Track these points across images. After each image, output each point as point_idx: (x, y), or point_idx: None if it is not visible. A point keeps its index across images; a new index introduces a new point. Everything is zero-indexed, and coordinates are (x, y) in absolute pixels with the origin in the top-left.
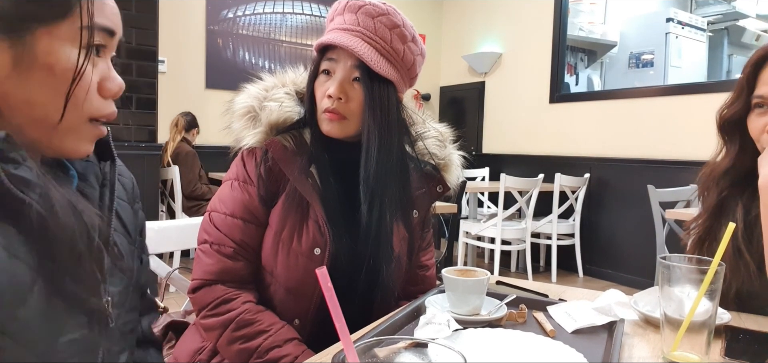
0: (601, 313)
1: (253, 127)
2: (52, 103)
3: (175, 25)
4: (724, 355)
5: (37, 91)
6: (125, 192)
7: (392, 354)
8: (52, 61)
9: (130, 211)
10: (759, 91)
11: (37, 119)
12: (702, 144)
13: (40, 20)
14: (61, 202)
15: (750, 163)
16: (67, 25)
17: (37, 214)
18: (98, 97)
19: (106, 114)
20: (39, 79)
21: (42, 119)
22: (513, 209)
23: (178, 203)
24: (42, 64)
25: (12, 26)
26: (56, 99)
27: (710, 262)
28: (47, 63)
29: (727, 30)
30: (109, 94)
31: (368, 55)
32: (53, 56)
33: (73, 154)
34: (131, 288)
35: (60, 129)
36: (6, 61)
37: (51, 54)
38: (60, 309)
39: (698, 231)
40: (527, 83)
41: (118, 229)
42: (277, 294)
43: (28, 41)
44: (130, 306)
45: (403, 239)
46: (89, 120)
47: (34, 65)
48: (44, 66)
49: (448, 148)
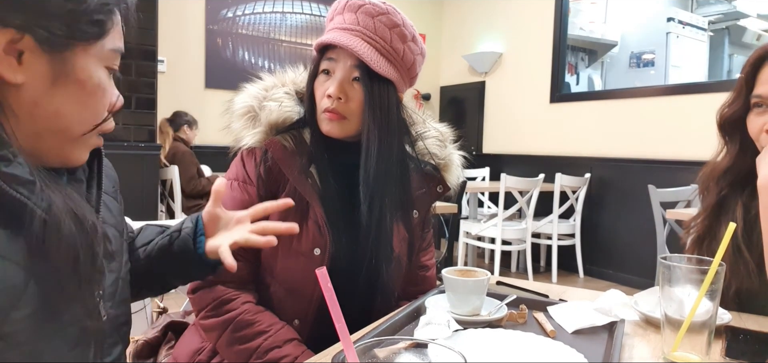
0: (602, 313)
1: (252, 127)
2: (78, 116)
3: (174, 24)
4: (724, 356)
5: (68, 105)
6: (113, 182)
7: (392, 354)
8: (84, 77)
9: (114, 202)
10: (758, 91)
11: (60, 130)
12: (703, 144)
13: (80, 39)
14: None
15: (750, 162)
16: (100, 45)
17: (30, 212)
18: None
19: (109, 129)
20: (71, 93)
21: (64, 130)
22: (513, 209)
23: (177, 203)
24: (75, 80)
25: (58, 42)
26: (83, 112)
27: (711, 262)
28: (81, 79)
29: (728, 30)
30: (113, 109)
31: (368, 54)
32: (86, 73)
33: (76, 162)
34: (120, 279)
35: (74, 140)
36: (46, 74)
37: (85, 70)
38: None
39: (697, 230)
40: (528, 83)
41: (108, 221)
42: (276, 294)
43: (69, 58)
44: (120, 297)
45: (403, 239)
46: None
47: (69, 80)
48: (77, 82)
49: (448, 148)
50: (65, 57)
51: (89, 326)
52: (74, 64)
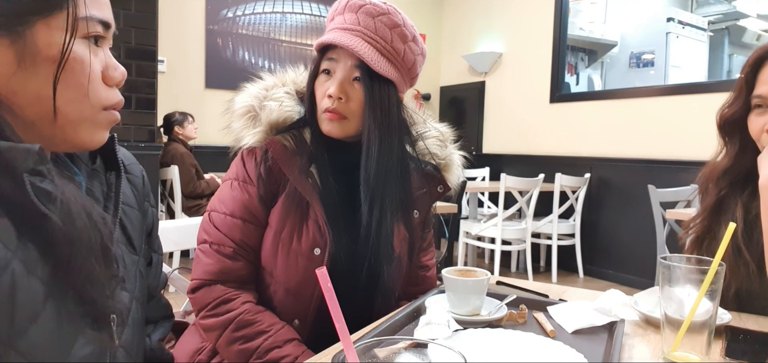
0: (602, 313)
1: (252, 127)
2: (62, 95)
3: (174, 24)
4: (724, 356)
5: (45, 85)
6: (136, 193)
7: (392, 354)
8: (54, 53)
9: (137, 216)
10: (758, 91)
11: (49, 112)
12: (703, 144)
13: (36, 13)
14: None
15: (750, 162)
16: (63, 16)
17: (55, 226)
18: (104, 86)
19: (115, 102)
20: (45, 72)
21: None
22: (513, 209)
23: (177, 203)
24: (45, 58)
25: (10, 22)
26: (66, 91)
27: (711, 262)
28: (50, 56)
29: (728, 30)
30: (113, 83)
31: (368, 54)
32: (55, 48)
33: (89, 144)
34: (134, 302)
35: (73, 121)
36: (10, 58)
37: (52, 46)
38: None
39: (697, 230)
40: (528, 83)
41: (121, 241)
42: (276, 294)
43: (28, 36)
44: (132, 320)
45: (404, 239)
46: (103, 109)
47: (38, 59)
48: (48, 59)
49: (448, 148)
50: (24, 35)
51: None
52: (37, 42)
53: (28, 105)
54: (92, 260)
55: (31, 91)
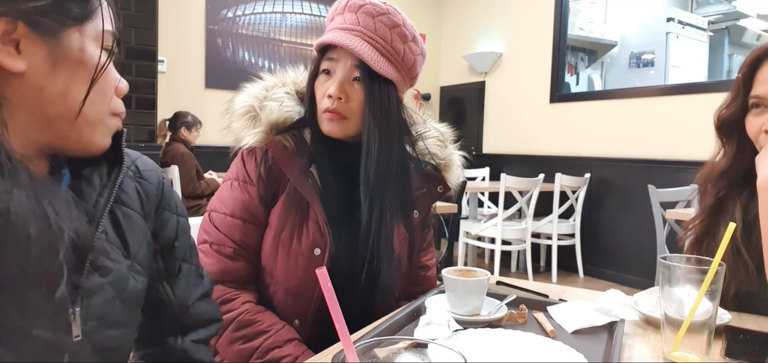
0: (602, 313)
1: (253, 127)
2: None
3: (174, 24)
4: (724, 356)
5: (73, 86)
6: (144, 199)
7: (392, 354)
8: (83, 57)
9: (139, 222)
10: (756, 91)
11: (70, 111)
12: (703, 144)
13: (72, 18)
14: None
15: (748, 163)
16: (92, 25)
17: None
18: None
19: (121, 111)
20: (74, 74)
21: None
22: (513, 209)
23: None
24: (75, 60)
25: (47, 26)
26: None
27: (710, 262)
28: (80, 59)
29: (728, 30)
30: (120, 94)
31: (368, 54)
32: (85, 53)
33: (97, 147)
34: (118, 302)
35: (90, 122)
36: (46, 58)
37: (83, 50)
38: (20, 320)
39: (696, 231)
40: (528, 83)
41: (112, 240)
42: (276, 294)
43: (64, 38)
44: (114, 320)
45: (404, 239)
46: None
47: (69, 61)
48: (77, 62)
49: (448, 148)
50: (61, 38)
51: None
52: (71, 45)
53: (52, 102)
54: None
55: (58, 89)
